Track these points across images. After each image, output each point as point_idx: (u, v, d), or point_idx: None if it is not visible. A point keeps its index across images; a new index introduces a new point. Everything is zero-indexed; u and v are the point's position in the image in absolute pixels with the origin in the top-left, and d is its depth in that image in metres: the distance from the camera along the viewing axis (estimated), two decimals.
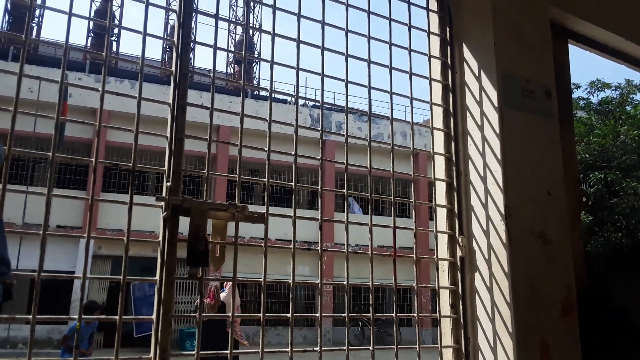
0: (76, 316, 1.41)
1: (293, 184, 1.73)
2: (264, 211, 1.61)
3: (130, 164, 1.48)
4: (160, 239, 1.46)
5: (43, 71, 18.24)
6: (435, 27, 2.24)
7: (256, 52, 28.74)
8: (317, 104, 1.87)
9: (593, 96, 18.67)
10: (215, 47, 1.67)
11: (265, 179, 1.71)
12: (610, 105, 18.39)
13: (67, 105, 15.85)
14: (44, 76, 1.56)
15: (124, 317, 1.38)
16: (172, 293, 1.45)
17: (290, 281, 1.67)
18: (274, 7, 1.81)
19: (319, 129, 1.86)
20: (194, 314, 1.49)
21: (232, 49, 30.51)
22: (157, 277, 1.44)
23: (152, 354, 1.41)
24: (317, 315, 1.70)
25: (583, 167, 16.23)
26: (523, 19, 2.17)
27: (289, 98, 24.67)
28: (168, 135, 1.54)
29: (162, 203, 1.45)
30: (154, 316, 1.41)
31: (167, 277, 1.44)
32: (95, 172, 1.47)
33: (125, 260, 1.41)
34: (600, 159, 16.63)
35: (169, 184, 1.49)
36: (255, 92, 23.98)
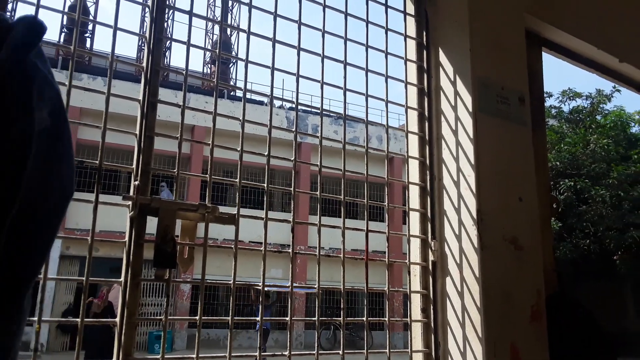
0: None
1: (265, 185, 1.70)
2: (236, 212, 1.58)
3: (97, 162, 1.43)
4: (127, 239, 1.41)
5: None
6: (412, 30, 2.24)
7: (233, 53, 28.56)
8: (293, 106, 1.84)
9: (564, 105, 19.13)
10: (188, 44, 1.63)
11: (238, 180, 1.68)
12: (581, 114, 18.85)
13: None
14: None
15: (85, 320, 1.33)
16: (137, 295, 1.40)
17: (260, 285, 1.64)
18: (249, 5, 1.79)
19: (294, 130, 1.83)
20: (162, 315, 1.45)
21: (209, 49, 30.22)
22: (122, 279, 1.39)
23: (114, 359, 1.36)
24: (288, 319, 1.67)
25: (554, 175, 16.59)
26: (499, 26, 2.19)
27: (265, 100, 24.51)
28: (137, 132, 1.50)
29: (129, 202, 1.41)
30: (117, 319, 1.37)
31: (133, 278, 1.40)
32: None
33: (88, 261, 1.36)
34: (570, 167, 17.02)
35: (136, 182, 1.45)
36: (231, 93, 23.81)
